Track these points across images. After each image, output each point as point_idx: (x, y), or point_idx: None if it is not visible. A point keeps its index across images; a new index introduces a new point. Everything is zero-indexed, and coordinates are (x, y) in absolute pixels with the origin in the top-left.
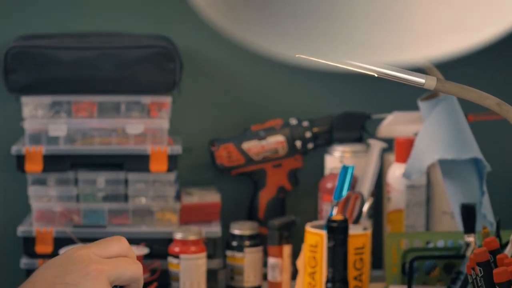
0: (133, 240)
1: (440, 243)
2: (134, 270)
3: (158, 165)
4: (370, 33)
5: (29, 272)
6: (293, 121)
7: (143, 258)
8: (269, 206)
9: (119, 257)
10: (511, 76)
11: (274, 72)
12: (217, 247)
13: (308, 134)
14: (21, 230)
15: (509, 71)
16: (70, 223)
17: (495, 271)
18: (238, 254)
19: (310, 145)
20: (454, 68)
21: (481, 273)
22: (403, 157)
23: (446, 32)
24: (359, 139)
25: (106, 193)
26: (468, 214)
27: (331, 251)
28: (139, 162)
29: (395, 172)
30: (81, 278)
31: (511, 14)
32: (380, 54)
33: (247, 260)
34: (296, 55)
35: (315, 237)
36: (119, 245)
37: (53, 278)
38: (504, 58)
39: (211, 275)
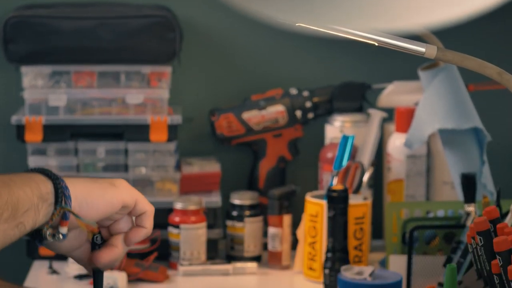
0: None
1: (440, 213)
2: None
3: (158, 135)
4: (371, 2)
5: (29, 242)
6: (293, 91)
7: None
8: (269, 176)
9: None
10: None
11: (275, 42)
12: (217, 217)
13: (308, 104)
14: None
15: (510, 40)
16: None
17: (495, 240)
18: (238, 224)
19: (310, 115)
20: (454, 38)
21: (481, 242)
22: (403, 127)
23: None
24: (360, 109)
25: (106, 163)
26: (469, 183)
27: (331, 221)
28: (139, 132)
29: (396, 142)
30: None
31: None
32: (380, 22)
33: (247, 230)
34: (297, 24)
35: (315, 207)
36: None
37: None
38: (505, 27)
39: (211, 245)
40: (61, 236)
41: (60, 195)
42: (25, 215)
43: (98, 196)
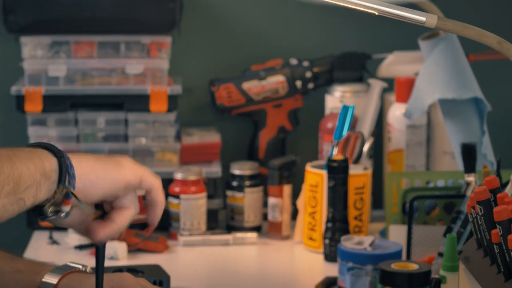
0: None
1: (441, 183)
2: None
3: (158, 105)
4: None
5: (29, 213)
6: (294, 61)
7: (143, 199)
8: (270, 146)
9: None
10: None
11: (275, 12)
12: (217, 187)
13: (308, 74)
14: None
15: (510, 9)
16: None
17: (495, 209)
18: (238, 194)
19: (311, 85)
20: (454, 7)
21: (481, 211)
22: (403, 97)
23: None
24: (360, 79)
25: (106, 133)
26: (469, 153)
27: (332, 191)
28: (139, 102)
29: (396, 112)
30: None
31: None
32: None
33: (247, 200)
34: None
35: (316, 177)
36: None
37: None
38: None
39: (211, 215)
40: (63, 215)
41: (64, 173)
42: (26, 191)
43: (102, 176)
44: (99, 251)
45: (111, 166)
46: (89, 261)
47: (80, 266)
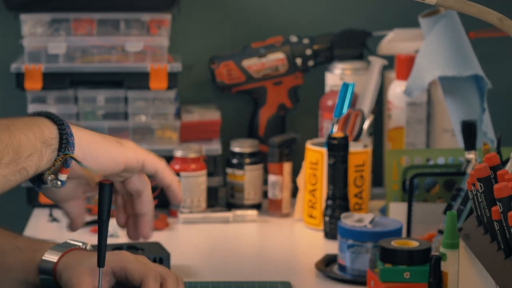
0: None
1: (441, 160)
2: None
3: (158, 83)
4: None
5: (29, 190)
6: (294, 39)
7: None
8: (270, 123)
9: None
10: None
11: None
12: (217, 165)
13: (308, 52)
14: None
15: None
16: None
17: (495, 186)
18: (238, 172)
19: (311, 63)
20: None
21: (481, 189)
22: (403, 75)
23: None
24: (360, 57)
25: (106, 111)
26: (469, 131)
27: (332, 168)
28: (139, 80)
29: (396, 89)
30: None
31: None
32: None
33: (247, 177)
34: None
35: (316, 154)
36: None
37: None
38: None
39: (211, 192)
40: (59, 183)
41: (64, 141)
42: (27, 160)
43: (103, 151)
44: (102, 229)
45: (113, 144)
46: (89, 239)
47: (80, 244)
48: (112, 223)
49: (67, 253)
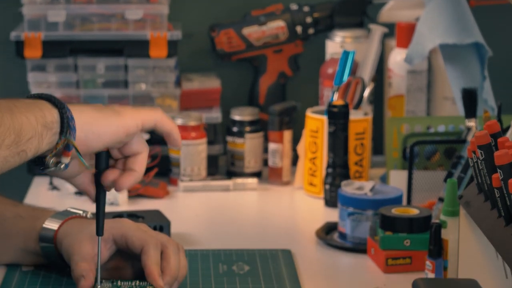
0: None
1: (441, 128)
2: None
3: (158, 51)
4: None
5: (29, 165)
6: (294, 6)
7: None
8: (270, 91)
9: None
10: None
11: None
12: (217, 133)
13: (308, 19)
14: None
15: None
16: None
17: (496, 153)
18: (239, 140)
19: (311, 31)
20: None
21: (482, 156)
22: (404, 42)
23: None
24: (360, 24)
25: (106, 79)
26: (469, 98)
27: (332, 136)
28: (139, 48)
29: (396, 57)
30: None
31: None
32: None
33: (248, 145)
34: None
35: (316, 122)
36: None
37: None
38: None
39: (212, 160)
40: (62, 166)
41: (66, 125)
42: (28, 142)
43: (103, 125)
44: (100, 198)
45: (112, 116)
46: (89, 207)
47: (80, 212)
48: (112, 191)
49: (67, 220)
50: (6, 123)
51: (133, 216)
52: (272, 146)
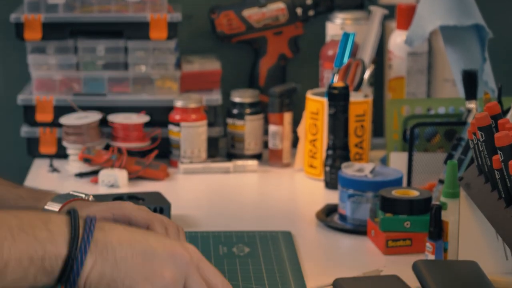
0: (134, 109)
1: (441, 110)
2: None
3: (158, 33)
4: None
5: (29, 140)
6: None
7: (143, 126)
8: (270, 73)
9: None
10: None
11: None
12: (217, 115)
13: (309, 1)
14: (21, 98)
15: None
16: (70, 91)
17: (496, 135)
18: (239, 122)
19: (311, 12)
20: None
21: (482, 137)
22: (404, 24)
23: None
24: (361, 6)
25: (106, 61)
26: (470, 80)
27: (332, 118)
28: (139, 30)
29: (397, 39)
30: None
31: None
32: None
33: (248, 127)
34: None
35: (316, 104)
36: None
37: None
38: None
39: (212, 142)
40: None
41: (67, 274)
42: (13, 282)
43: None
44: None
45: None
46: (90, 189)
47: (83, 195)
48: (113, 173)
49: (68, 203)
50: None
51: (133, 198)
52: (272, 128)
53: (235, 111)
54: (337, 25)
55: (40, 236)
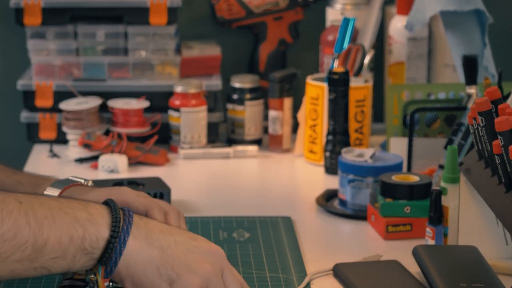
0: (134, 94)
1: (442, 95)
2: None
3: (158, 18)
4: None
5: (29, 126)
6: None
7: (143, 112)
8: (270, 59)
9: None
10: None
11: None
12: (217, 100)
13: None
14: (21, 83)
15: None
16: (70, 76)
17: (496, 120)
18: (239, 107)
19: None
20: None
21: (482, 122)
22: (405, 9)
23: None
24: None
25: (105, 47)
26: (470, 65)
27: (332, 103)
28: (139, 15)
29: (397, 24)
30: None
31: None
32: None
33: (248, 113)
34: None
35: (316, 89)
36: None
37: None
38: None
39: (212, 128)
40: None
41: (106, 255)
42: (51, 261)
43: (149, 283)
44: None
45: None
46: (90, 175)
47: (82, 180)
48: (113, 159)
49: (68, 188)
50: (25, 236)
51: (133, 183)
52: (272, 113)
53: (235, 97)
54: (337, 10)
55: (80, 216)
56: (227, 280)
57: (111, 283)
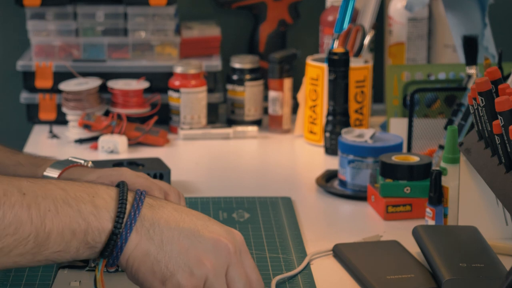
0: (133, 74)
1: (442, 76)
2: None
3: None
4: None
5: (29, 106)
6: None
7: (143, 92)
8: (270, 39)
9: None
10: None
11: None
12: (217, 81)
13: None
14: (20, 64)
15: None
16: (69, 57)
17: (497, 100)
18: (239, 88)
19: None
20: None
21: (482, 103)
22: None
23: None
24: None
25: (105, 27)
26: (470, 45)
27: (332, 84)
28: None
29: (397, 4)
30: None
31: None
32: None
33: (248, 93)
34: None
35: (316, 70)
36: None
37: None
38: None
39: (212, 108)
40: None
41: (109, 248)
42: (54, 254)
43: (151, 277)
44: None
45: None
46: (89, 155)
47: (82, 161)
48: (112, 139)
49: (67, 169)
50: (26, 231)
51: (133, 164)
52: (272, 94)
53: (235, 77)
54: None
55: (85, 209)
56: (232, 278)
57: (118, 267)
